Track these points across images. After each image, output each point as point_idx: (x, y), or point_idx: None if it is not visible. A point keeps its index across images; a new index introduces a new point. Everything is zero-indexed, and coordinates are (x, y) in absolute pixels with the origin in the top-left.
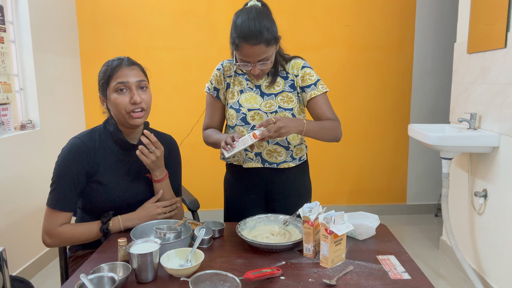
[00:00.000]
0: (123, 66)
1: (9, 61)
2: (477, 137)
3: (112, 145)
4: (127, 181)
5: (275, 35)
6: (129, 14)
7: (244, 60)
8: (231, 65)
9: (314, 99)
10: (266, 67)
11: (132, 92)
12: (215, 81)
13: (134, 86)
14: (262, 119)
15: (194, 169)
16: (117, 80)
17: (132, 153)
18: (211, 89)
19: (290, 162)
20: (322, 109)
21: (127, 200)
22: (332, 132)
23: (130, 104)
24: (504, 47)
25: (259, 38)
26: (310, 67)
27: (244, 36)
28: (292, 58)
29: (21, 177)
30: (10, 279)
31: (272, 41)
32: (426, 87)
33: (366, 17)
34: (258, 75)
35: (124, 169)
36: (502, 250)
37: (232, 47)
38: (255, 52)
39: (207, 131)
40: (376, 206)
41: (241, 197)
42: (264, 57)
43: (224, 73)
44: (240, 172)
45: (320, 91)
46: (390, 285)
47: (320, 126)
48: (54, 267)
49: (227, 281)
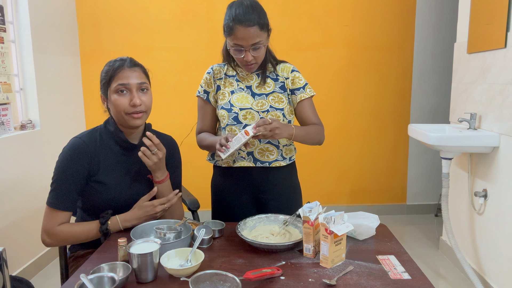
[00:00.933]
0: (125, 67)
1: (9, 61)
2: (477, 137)
3: (113, 145)
4: (127, 181)
5: (267, 23)
6: (129, 14)
7: (237, 44)
8: (221, 68)
9: (301, 103)
10: (259, 54)
11: (132, 94)
12: (205, 84)
13: (135, 88)
14: (254, 118)
15: (194, 169)
16: (118, 81)
17: (133, 153)
18: (201, 92)
19: (281, 161)
20: (308, 113)
21: (127, 200)
22: (316, 136)
23: (129, 106)
24: (504, 47)
25: (253, 20)
26: (298, 71)
27: (239, 19)
28: (281, 62)
29: (21, 177)
30: (10, 279)
31: (265, 27)
32: (426, 87)
33: (366, 17)
34: (250, 65)
35: (125, 169)
36: (502, 250)
37: (226, 35)
38: (250, 34)
39: (201, 135)
40: (376, 206)
41: (232, 199)
42: (258, 41)
43: (214, 76)
44: (230, 173)
45: (308, 95)
46: (390, 285)
47: (307, 131)
48: (54, 267)
49: (227, 281)
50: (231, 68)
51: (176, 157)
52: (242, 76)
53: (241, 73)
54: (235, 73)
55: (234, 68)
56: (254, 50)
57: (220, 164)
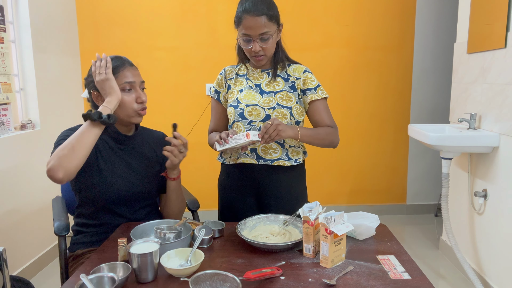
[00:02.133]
0: (127, 66)
1: (9, 61)
2: (477, 137)
3: (107, 138)
4: (123, 173)
5: (277, 15)
6: (129, 14)
7: (246, 34)
8: (233, 69)
9: (313, 105)
10: (267, 45)
11: (137, 92)
12: (217, 84)
13: (138, 86)
14: (259, 114)
15: (194, 169)
16: (124, 79)
17: (127, 144)
18: (213, 92)
19: (285, 160)
20: (321, 115)
21: (123, 191)
22: (327, 137)
23: (137, 103)
24: (504, 47)
25: (261, 10)
26: (311, 72)
27: (247, 9)
28: (294, 63)
29: (21, 177)
30: (10, 279)
31: (274, 19)
32: (426, 87)
33: (366, 17)
34: (258, 57)
35: (121, 161)
36: (502, 250)
37: (235, 26)
38: (257, 23)
39: (211, 134)
40: (376, 206)
41: (236, 201)
42: (265, 31)
43: (225, 76)
44: (234, 172)
45: (319, 96)
46: (390, 285)
47: (315, 132)
48: (54, 267)
49: (227, 281)
50: (243, 67)
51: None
52: (252, 74)
53: (252, 72)
54: (246, 71)
55: (246, 66)
56: (262, 40)
57: (228, 161)
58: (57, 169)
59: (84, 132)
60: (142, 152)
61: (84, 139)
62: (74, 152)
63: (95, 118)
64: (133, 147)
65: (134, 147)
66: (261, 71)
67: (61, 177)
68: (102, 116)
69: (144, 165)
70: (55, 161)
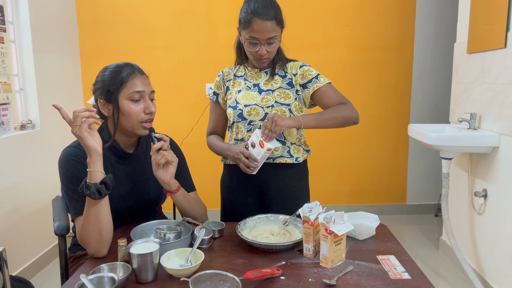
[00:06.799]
0: (137, 74)
1: (9, 61)
2: (477, 137)
3: (108, 153)
4: (126, 189)
5: (282, 19)
6: (129, 14)
7: (253, 37)
8: (231, 70)
9: (318, 91)
10: (273, 49)
11: (146, 102)
12: (215, 86)
13: (148, 95)
14: (258, 114)
15: (194, 169)
16: (133, 88)
17: (128, 161)
18: (211, 94)
19: (287, 158)
20: (329, 97)
21: (127, 207)
22: (338, 115)
23: (144, 114)
24: (504, 47)
25: (271, 14)
26: (308, 65)
27: (257, 12)
28: (290, 60)
29: (21, 177)
30: (10, 279)
31: (280, 23)
32: (426, 87)
33: (366, 17)
34: (262, 60)
35: (122, 177)
36: (502, 250)
37: (241, 27)
38: (267, 27)
39: (210, 138)
40: (376, 206)
41: (238, 200)
42: (273, 35)
43: (224, 78)
44: (236, 172)
45: (322, 83)
46: (390, 285)
47: (320, 113)
48: (54, 267)
49: (227, 281)
50: (241, 68)
51: (179, 154)
52: (250, 75)
53: (250, 72)
54: (244, 72)
55: (244, 66)
56: (268, 44)
57: (230, 161)
58: (100, 252)
59: (96, 211)
60: (143, 170)
61: (100, 215)
62: (102, 231)
63: (96, 198)
64: (135, 165)
65: (135, 164)
66: (259, 70)
67: (106, 252)
68: (102, 193)
69: (145, 182)
70: (92, 249)
